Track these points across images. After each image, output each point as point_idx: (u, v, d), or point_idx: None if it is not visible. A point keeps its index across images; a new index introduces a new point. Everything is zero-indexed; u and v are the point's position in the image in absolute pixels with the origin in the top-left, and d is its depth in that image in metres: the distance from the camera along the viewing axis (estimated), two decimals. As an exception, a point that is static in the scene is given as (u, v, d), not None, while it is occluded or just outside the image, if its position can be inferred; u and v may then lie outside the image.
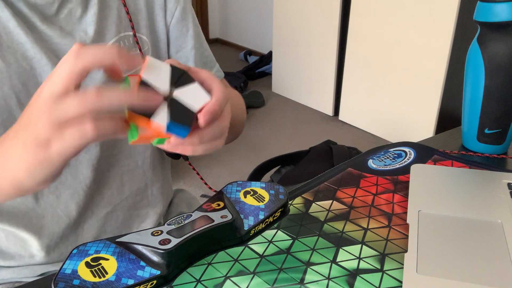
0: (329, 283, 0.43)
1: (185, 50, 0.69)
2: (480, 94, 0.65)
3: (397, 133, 2.49)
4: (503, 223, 0.49)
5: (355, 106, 2.70)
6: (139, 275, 0.42)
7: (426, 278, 0.42)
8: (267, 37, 3.95)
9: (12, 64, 0.53)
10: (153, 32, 0.66)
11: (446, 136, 0.77)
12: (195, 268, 0.46)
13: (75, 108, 0.36)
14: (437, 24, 2.13)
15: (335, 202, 0.56)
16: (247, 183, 0.56)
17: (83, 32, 0.57)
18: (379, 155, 0.68)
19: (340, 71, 2.76)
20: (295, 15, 2.94)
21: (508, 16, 0.60)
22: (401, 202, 0.56)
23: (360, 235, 0.50)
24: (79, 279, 0.41)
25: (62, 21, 0.56)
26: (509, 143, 0.68)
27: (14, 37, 0.53)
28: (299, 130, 2.73)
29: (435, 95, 2.23)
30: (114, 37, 0.60)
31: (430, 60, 2.21)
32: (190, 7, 0.69)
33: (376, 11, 2.40)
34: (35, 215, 0.60)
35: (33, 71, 0.54)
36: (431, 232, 0.48)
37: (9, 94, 0.53)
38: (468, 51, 0.66)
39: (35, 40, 0.53)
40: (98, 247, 0.45)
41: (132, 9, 0.63)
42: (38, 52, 0.54)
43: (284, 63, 3.17)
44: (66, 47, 0.56)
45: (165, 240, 0.44)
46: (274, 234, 0.50)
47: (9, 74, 0.52)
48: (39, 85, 0.54)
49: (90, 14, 0.58)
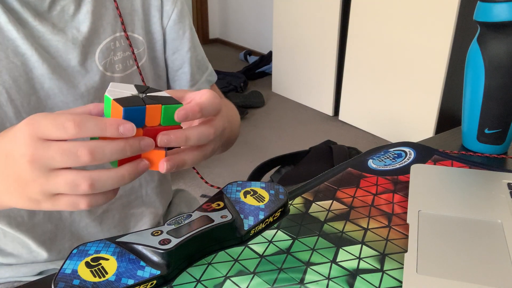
0: (329, 283, 0.43)
1: (181, 52, 0.69)
2: (480, 94, 0.65)
3: (397, 133, 2.49)
4: (503, 223, 0.49)
5: (355, 106, 2.70)
6: (139, 275, 0.42)
7: (426, 278, 0.42)
8: (267, 37, 3.95)
9: (2, 60, 0.53)
10: (149, 33, 0.66)
11: (446, 136, 0.77)
12: (195, 268, 0.46)
13: (69, 189, 0.38)
14: (437, 24, 2.13)
15: (335, 202, 0.56)
16: (247, 183, 0.56)
17: (75, 29, 0.57)
18: (379, 155, 0.68)
19: (340, 71, 2.76)
20: (295, 15, 2.94)
21: (508, 16, 0.60)
22: (401, 202, 0.56)
23: (360, 235, 0.50)
24: (79, 279, 0.41)
25: (55, 18, 0.56)
26: (509, 143, 0.68)
27: (5, 33, 0.53)
28: (299, 130, 2.73)
29: (435, 95, 2.23)
30: (109, 37, 0.60)
31: (430, 60, 2.21)
32: (187, 9, 0.69)
33: (376, 11, 2.40)
34: (27, 214, 0.60)
35: (24, 67, 0.54)
36: (431, 232, 0.48)
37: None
38: (468, 51, 0.66)
39: (26, 36, 0.53)
40: (98, 247, 0.45)
41: (129, 9, 0.63)
42: (29, 48, 0.54)
43: (284, 63, 3.17)
44: (57, 43, 0.56)
45: (165, 240, 0.44)
46: (274, 234, 0.50)
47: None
48: (29, 81, 0.55)
49: (83, 12, 0.58)
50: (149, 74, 0.66)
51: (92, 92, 0.59)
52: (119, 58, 0.61)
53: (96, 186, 0.38)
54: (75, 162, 0.36)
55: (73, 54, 0.57)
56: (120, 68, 0.62)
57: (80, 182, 0.37)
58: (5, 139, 0.39)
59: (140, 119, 0.39)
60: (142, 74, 0.64)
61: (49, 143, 0.36)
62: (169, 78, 0.71)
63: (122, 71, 0.62)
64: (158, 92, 0.43)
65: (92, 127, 0.36)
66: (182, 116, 0.40)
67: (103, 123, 0.37)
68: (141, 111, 0.39)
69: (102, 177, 0.38)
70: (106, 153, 0.37)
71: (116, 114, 0.39)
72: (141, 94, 0.41)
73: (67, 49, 0.57)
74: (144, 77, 0.64)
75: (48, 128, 0.36)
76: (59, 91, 0.56)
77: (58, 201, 0.39)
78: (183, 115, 0.40)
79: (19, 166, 0.38)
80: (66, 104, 0.57)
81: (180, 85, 0.71)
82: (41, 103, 0.56)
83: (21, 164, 0.37)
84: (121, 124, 0.37)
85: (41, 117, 0.37)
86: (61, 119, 0.36)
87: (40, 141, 0.36)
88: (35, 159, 0.37)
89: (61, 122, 0.36)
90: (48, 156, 0.36)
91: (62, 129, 0.36)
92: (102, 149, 0.37)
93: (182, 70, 0.70)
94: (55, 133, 0.36)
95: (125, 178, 0.39)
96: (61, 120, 0.36)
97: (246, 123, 2.82)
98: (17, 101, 0.54)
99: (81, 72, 0.58)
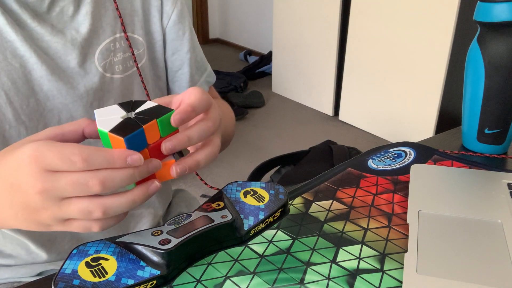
0: (329, 283, 0.43)
1: (181, 53, 0.69)
2: (480, 94, 0.65)
3: (397, 133, 2.49)
4: (503, 223, 0.49)
5: (355, 106, 2.70)
6: (139, 275, 0.42)
7: (426, 278, 0.42)
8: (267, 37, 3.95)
9: (0, 62, 0.53)
10: (149, 34, 0.66)
11: (446, 136, 0.77)
12: (195, 268, 0.46)
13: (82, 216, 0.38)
14: (437, 24, 2.13)
15: (335, 202, 0.56)
16: (247, 183, 0.56)
17: (74, 30, 0.57)
18: (379, 155, 0.68)
19: (340, 71, 2.76)
20: (295, 15, 2.94)
21: (508, 16, 0.60)
22: (401, 202, 0.56)
23: (360, 235, 0.50)
24: (79, 279, 0.41)
25: (54, 19, 0.56)
26: (509, 143, 0.68)
27: (3, 35, 0.52)
28: (299, 130, 2.73)
29: (435, 95, 2.23)
30: (108, 38, 0.60)
31: (430, 60, 2.21)
32: (187, 10, 0.69)
33: (376, 11, 2.40)
34: None
35: (23, 69, 0.54)
36: (431, 232, 0.48)
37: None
38: (468, 51, 0.66)
39: (25, 38, 0.53)
40: (98, 247, 0.45)
41: (129, 10, 0.63)
42: (28, 50, 0.54)
43: (284, 63, 3.17)
44: (57, 44, 0.56)
45: (165, 240, 0.44)
46: (274, 234, 0.50)
47: None
48: (28, 83, 0.55)
49: (82, 13, 0.58)
50: (148, 75, 0.66)
51: (91, 94, 0.59)
52: (119, 59, 0.61)
53: (109, 212, 0.38)
54: (86, 192, 0.37)
55: (72, 55, 0.57)
56: (120, 69, 0.62)
57: (93, 209, 0.38)
58: (8, 167, 0.39)
59: (142, 140, 0.40)
60: (142, 75, 0.64)
61: (58, 175, 0.37)
62: (169, 79, 0.71)
63: (122, 72, 0.62)
64: (144, 105, 0.43)
65: (100, 160, 0.37)
66: (178, 120, 0.41)
67: (110, 156, 0.37)
68: (141, 134, 0.39)
69: (115, 202, 0.38)
70: (116, 182, 0.37)
71: (118, 145, 0.39)
72: (130, 113, 0.41)
73: (66, 50, 0.56)
74: (143, 78, 0.64)
75: (55, 161, 0.36)
76: (58, 92, 0.56)
77: (70, 225, 0.40)
78: (179, 119, 0.41)
79: (27, 196, 0.38)
80: (65, 105, 0.57)
81: (179, 86, 0.71)
82: (40, 105, 0.56)
83: (30, 195, 0.37)
84: (128, 156, 0.37)
85: (45, 148, 0.37)
86: (67, 152, 0.36)
87: (48, 173, 0.37)
88: (45, 191, 0.37)
89: (68, 156, 0.36)
90: (58, 187, 0.37)
91: (69, 162, 0.36)
92: (112, 178, 0.37)
93: (182, 71, 0.70)
94: (63, 167, 0.36)
95: (137, 202, 0.40)
96: (67, 153, 0.36)
97: (246, 123, 2.82)
98: (16, 103, 0.54)
99: (80, 73, 0.58)
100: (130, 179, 0.38)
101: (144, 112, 0.42)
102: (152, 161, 0.40)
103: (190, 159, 0.43)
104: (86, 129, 0.42)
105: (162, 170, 0.42)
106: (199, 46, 0.74)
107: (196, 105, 0.42)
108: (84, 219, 0.38)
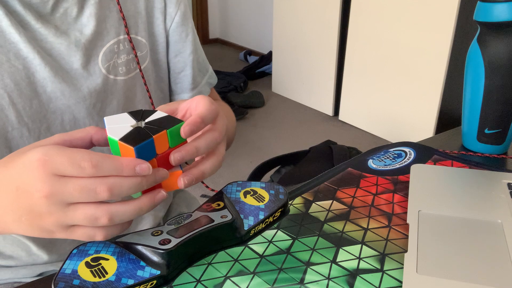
0: (329, 283, 0.43)
1: (184, 54, 0.69)
2: (480, 94, 0.65)
3: (397, 133, 2.49)
4: (503, 223, 0.49)
5: (355, 106, 2.70)
6: (139, 275, 0.42)
7: (426, 278, 0.42)
8: (267, 37, 3.95)
9: (4, 64, 0.52)
10: (152, 36, 0.66)
11: (446, 136, 0.77)
12: (195, 268, 0.46)
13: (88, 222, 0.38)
14: (437, 24, 2.13)
15: (335, 202, 0.56)
16: (247, 183, 0.56)
17: (78, 32, 0.57)
18: (379, 155, 0.68)
19: (340, 71, 2.76)
20: (295, 15, 2.94)
21: (508, 16, 0.60)
22: (401, 202, 0.56)
23: (360, 235, 0.50)
24: (79, 279, 0.41)
25: (57, 20, 0.56)
26: (509, 143, 0.68)
27: (7, 36, 0.52)
28: (299, 130, 2.73)
29: (435, 95, 2.23)
30: (112, 39, 0.60)
31: (430, 60, 2.21)
32: (190, 12, 0.69)
33: (376, 11, 2.40)
34: None
35: (26, 70, 0.54)
36: (431, 232, 0.48)
37: (1, 93, 0.52)
38: (468, 51, 0.66)
39: (28, 39, 0.53)
40: (98, 247, 0.45)
41: (132, 12, 0.62)
42: (31, 52, 0.53)
43: (284, 63, 3.17)
44: (60, 46, 0.56)
45: (165, 240, 0.44)
46: (274, 234, 0.50)
47: (1, 73, 0.52)
48: (31, 85, 0.54)
49: (86, 14, 0.57)
50: (151, 77, 0.66)
51: (94, 95, 0.59)
52: (122, 61, 0.61)
53: (115, 219, 0.38)
54: (93, 198, 0.37)
55: (76, 56, 0.57)
56: (124, 71, 0.61)
57: (99, 216, 0.38)
58: (15, 170, 0.39)
59: (151, 150, 0.40)
60: (145, 77, 0.64)
61: (66, 180, 0.37)
62: (171, 80, 0.71)
63: (125, 74, 0.62)
64: (154, 114, 0.43)
65: (109, 168, 0.37)
66: (188, 132, 0.41)
67: (119, 163, 0.37)
68: (151, 144, 0.40)
69: (121, 210, 0.39)
70: (123, 189, 0.38)
71: (127, 153, 0.39)
72: (140, 122, 0.42)
73: (69, 51, 0.56)
74: (146, 80, 0.64)
75: (65, 166, 0.36)
76: (61, 94, 0.56)
77: (74, 232, 0.40)
78: (189, 131, 0.41)
79: (33, 199, 0.37)
80: (68, 107, 0.57)
81: (181, 88, 0.71)
82: (43, 107, 0.56)
83: (36, 198, 0.37)
84: (137, 164, 0.38)
85: (55, 152, 0.37)
86: (77, 157, 0.36)
87: (56, 177, 0.37)
88: (52, 195, 0.37)
89: (78, 162, 0.36)
90: (66, 192, 0.37)
91: (79, 168, 0.36)
92: (120, 185, 0.37)
93: (184, 73, 0.70)
94: (72, 172, 0.36)
95: (143, 210, 0.40)
96: (77, 158, 0.36)
97: (246, 123, 2.82)
98: (19, 105, 0.54)
99: (84, 75, 0.58)
100: (138, 188, 0.38)
101: (154, 122, 0.42)
102: (160, 170, 0.40)
103: (196, 169, 0.43)
104: (94, 136, 0.42)
105: (169, 180, 0.42)
106: (201, 47, 0.74)
107: (205, 115, 0.43)
108: (89, 225, 0.38)
